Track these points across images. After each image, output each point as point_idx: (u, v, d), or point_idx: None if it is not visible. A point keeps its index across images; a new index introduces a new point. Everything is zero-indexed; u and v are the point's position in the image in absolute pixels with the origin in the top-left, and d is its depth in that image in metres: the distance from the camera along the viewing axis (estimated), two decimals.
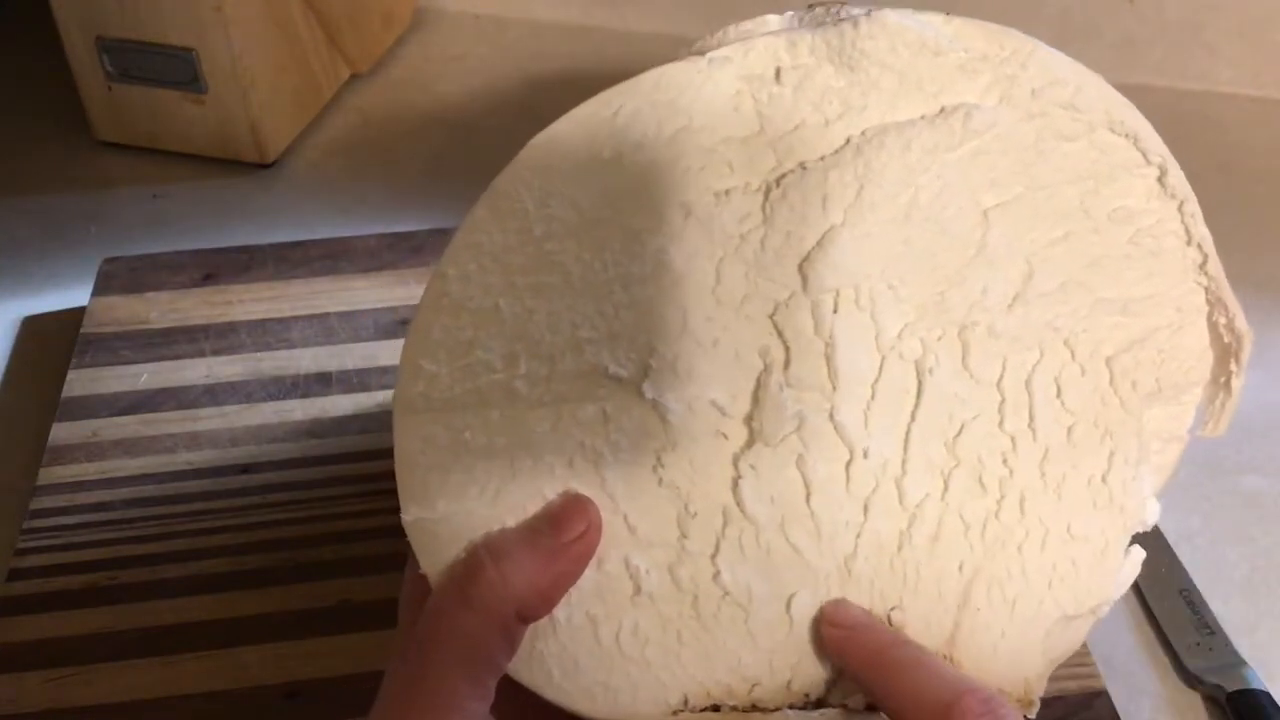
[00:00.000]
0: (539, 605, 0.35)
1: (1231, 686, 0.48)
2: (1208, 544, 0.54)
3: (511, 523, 0.35)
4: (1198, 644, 0.50)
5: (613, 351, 0.36)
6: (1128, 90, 0.38)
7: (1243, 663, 0.49)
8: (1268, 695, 0.47)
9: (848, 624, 0.36)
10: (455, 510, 0.35)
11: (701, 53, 0.36)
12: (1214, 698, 0.48)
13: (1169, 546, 0.54)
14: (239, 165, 0.74)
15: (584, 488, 0.36)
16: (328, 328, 0.61)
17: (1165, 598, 0.52)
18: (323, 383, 0.59)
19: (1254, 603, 0.52)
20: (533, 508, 0.35)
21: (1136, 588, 0.52)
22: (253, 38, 0.70)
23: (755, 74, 0.36)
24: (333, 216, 0.72)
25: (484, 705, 0.34)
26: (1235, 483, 0.57)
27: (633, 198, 0.36)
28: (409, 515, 0.36)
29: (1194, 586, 0.52)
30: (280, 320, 0.62)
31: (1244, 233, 0.70)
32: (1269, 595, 0.52)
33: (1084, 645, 0.48)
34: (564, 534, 0.35)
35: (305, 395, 0.58)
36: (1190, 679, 0.49)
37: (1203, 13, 0.79)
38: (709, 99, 0.36)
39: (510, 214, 0.36)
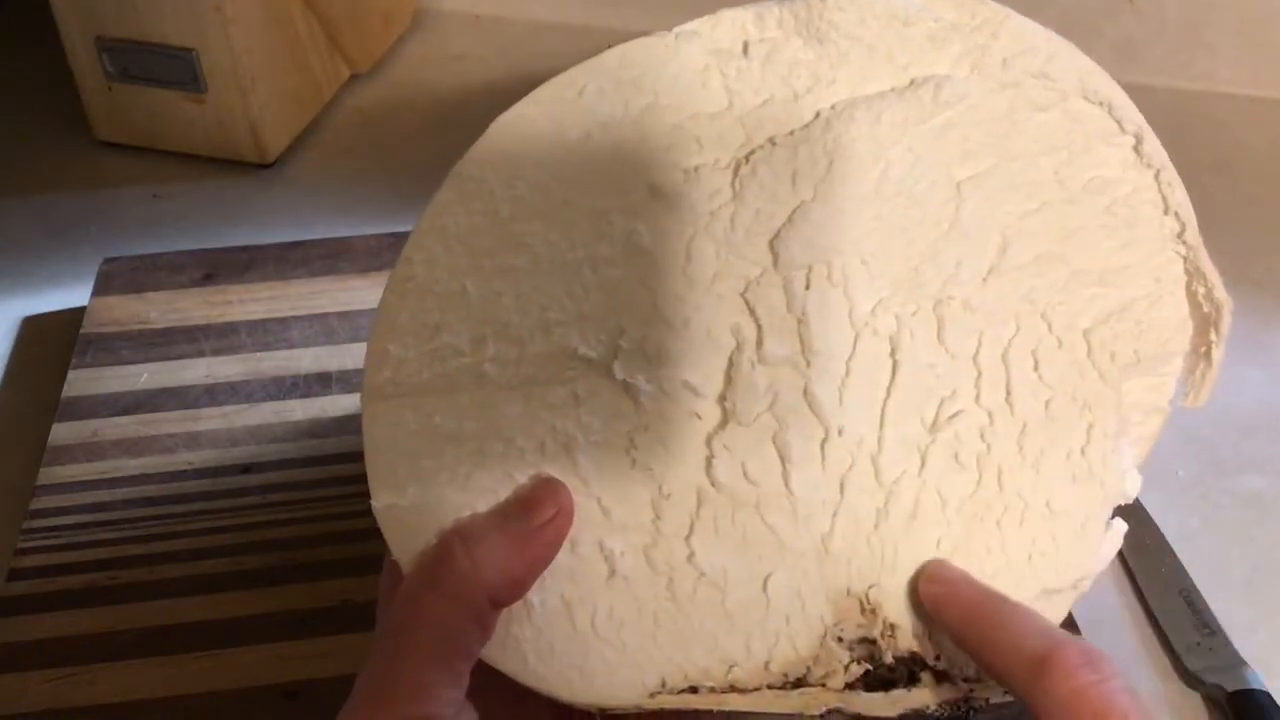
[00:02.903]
0: (511, 590, 0.34)
1: (1232, 686, 0.48)
2: (1208, 544, 0.54)
3: (482, 507, 0.35)
4: (1198, 644, 0.50)
5: (582, 333, 0.35)
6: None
7: (1243, 663, 0.49)
8: (1268, 695, 0.47)
9: (946, 580, 0.36)
10: (426, 496, 0.35)
11: None
12: (1214, 698, 0.48)
13: (1169, 546, 0.54)
14: (239, 165, 0.74)
15: (556, 471, 0.35)
16: (328, 328, 0.61)
17: (1165, 598, 0.52)
18: (323, 383, 0.59)
19: (1254, 603, 0.52)
20: (504, 492, 0.35)
21: (1136, 588, 0.52)
22: (253, 38, 0.70)
23: (723, 48, 0.36)
24: (333, 216, 0.72)
25: (459, 692, 0.33)
26: (1235, 483, 0.57)
27: (600, 177, 0.35)
28: (379, 502, 0.35)
29: (1194, 586, 0.52)
30: (280, 320, 0.62)
31: (1243, 233, 0.70)
32: (1269, 595, 0.52)
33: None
34: (535, 518, 0.34)
35: (305, 395, 0.58)
36: (1190, 679, 0.49)
37: (1203, 13, 0.79)
38: (676, 75, 0.36)
39: (476, 196, 0.35)
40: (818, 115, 0.36)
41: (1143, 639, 0.51)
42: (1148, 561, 0.53)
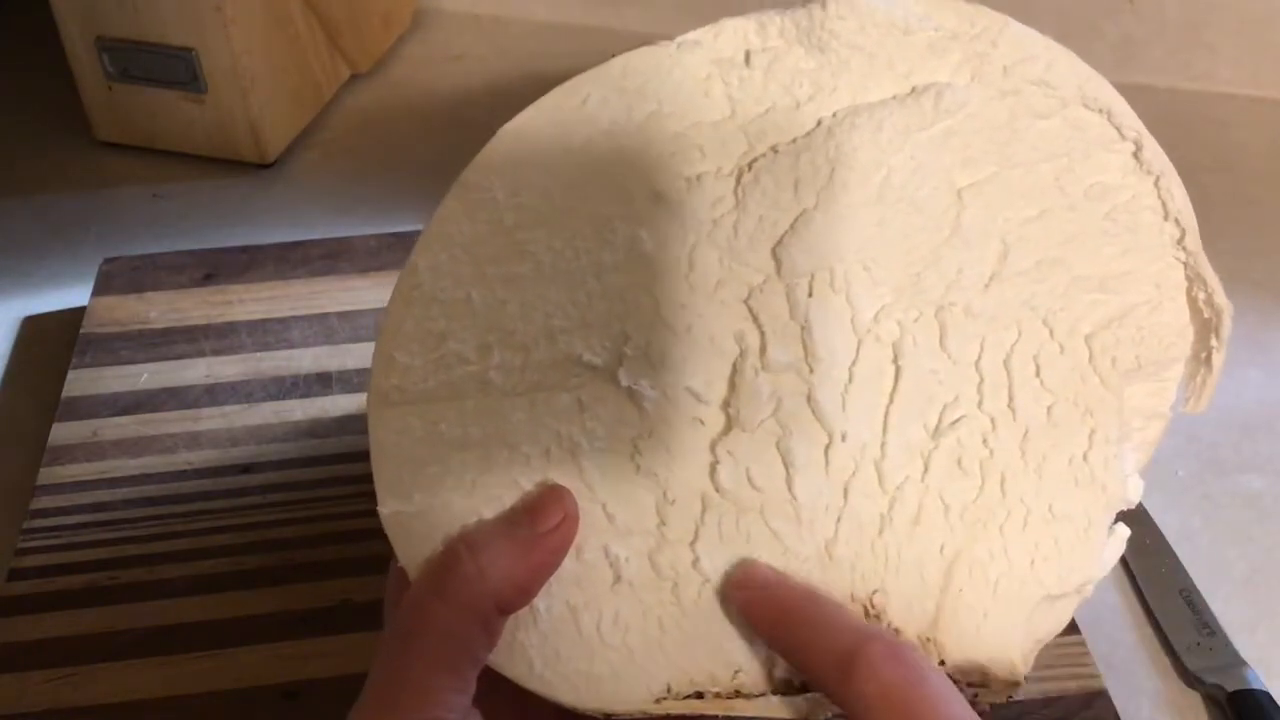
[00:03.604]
0: (518, 597, 0.34)
1: (1232, 686, 0.48)
2: (1208, 544, 0.54)
3: (488, 514, 0.35)
4: (1198, 644, 0.50)
5: (586, 340, 0.36)
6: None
7: (1243, 663, 0.49)
8: (1268, 695, 0.47)
9: (755, 584, 0.35)
10: (432, 502, 0.35)
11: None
12: (1214, 698, 0.48)
13: (1169, 546, 0.54)
14: (239, 165, 0.74)
15: (561, 477, 0.35)
16: (328, 328, 0.61)
17: (1165, 598, 0.52)
18: (323, 383, 0.59)
19: (1254, 603, 0.52)
20: (509, 498, 0.35)
21: (1136, 588, 0.52)
22: (253, 38, 0.70)
23: (725, 57, 0.36)
24: (333, 216, 0.72)
25: (465, 698, 0.34)
26: (1235, 483, 0.57)
27: (603, 185, 0.36)
28: (386, 509, 0.36)
29: (1194, 586, 0.52)
30: (280, 320, 0.62)
31: (1244, 233, 0.70)
32: (1269, 595, 0.52)
33: (1084, 645, 0.48)
34: (541, 524, 0.35)
35: (305, 395, 0.58)
36: (1190, 679, 0.49)
37: (1203, 13, 0.79)
38: (678, 83, 0.36)
39: (480, 204, 0.36)
40: (819, 123, 0.36)
41: (1143, 639, 0.51)
42: (1148, 561, 0.53)
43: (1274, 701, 0.47)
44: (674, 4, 0.82)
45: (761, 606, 0.35)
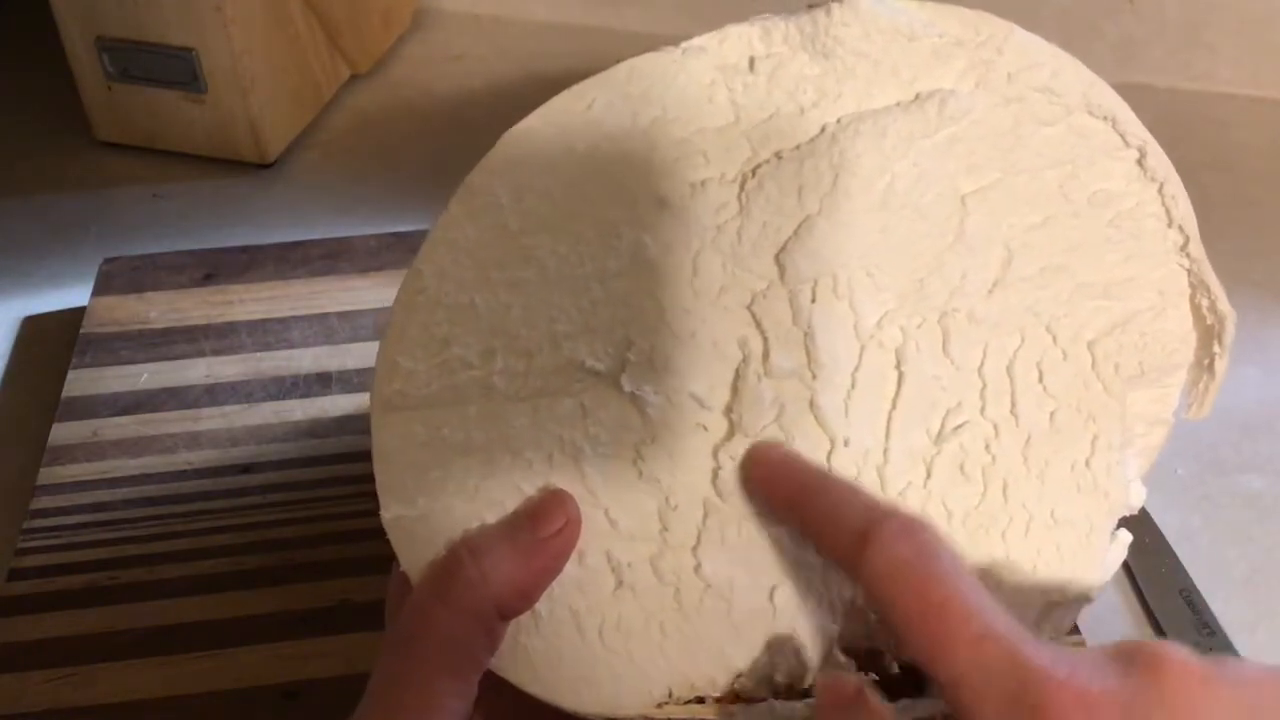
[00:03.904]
0: (519, 601, 0.34)
1: None
2: (1208, 544, 0.54)
3: (491, 518, 0.35)
4: (1198, 644, 0.50)
5: (590, 345, 0.36)
6: (1128, 90, 0.38)
7: None
8: None
9: (774, 461, 0.35)
10: (434, 507, 0.35)
11: None
12: None
13: (1169, 546, 0.54)
14: (239, 165, 0.74)
15: (563, 482, 0.35)
16: (328, 328, 0.61)
17: (1165, 598, 0.52)
18: (323, 383, 0.59)
19: (1254, 603, 0.52)
20: (512, 503, 0.35)
21: (1136, 588, 0.52)
22: (253, 38, 0.70)
23: (729, 63, 0.36)
24: (333, 216, 0.72)
25: (466, 703, 0.34)
26: (1235, 483, 0.57)
27: (607, 190, 0.36)
28: (388, 513, 0.36)
29: (1194, 586, 0.52)
30: (280, 320, 0.62)
31: (1244, 233, 0.70)
32: (1269, 595, 0.52)
33: (1084, 646, 0.48)
34: (543, 529, 0.35)
35: (305, 395, 0.58)
36: None
37: (1203, 13, 0.79)
38: (683, 89, 0.36)
39: (484, 209, 0.36)
40: (823, 130, 0.36)
41: (1142, 639, 0.51)
42: (1148, 561, 0.53)
43: None
44: (674, 4, 0.82)
45: (779, 482, 0.35)
